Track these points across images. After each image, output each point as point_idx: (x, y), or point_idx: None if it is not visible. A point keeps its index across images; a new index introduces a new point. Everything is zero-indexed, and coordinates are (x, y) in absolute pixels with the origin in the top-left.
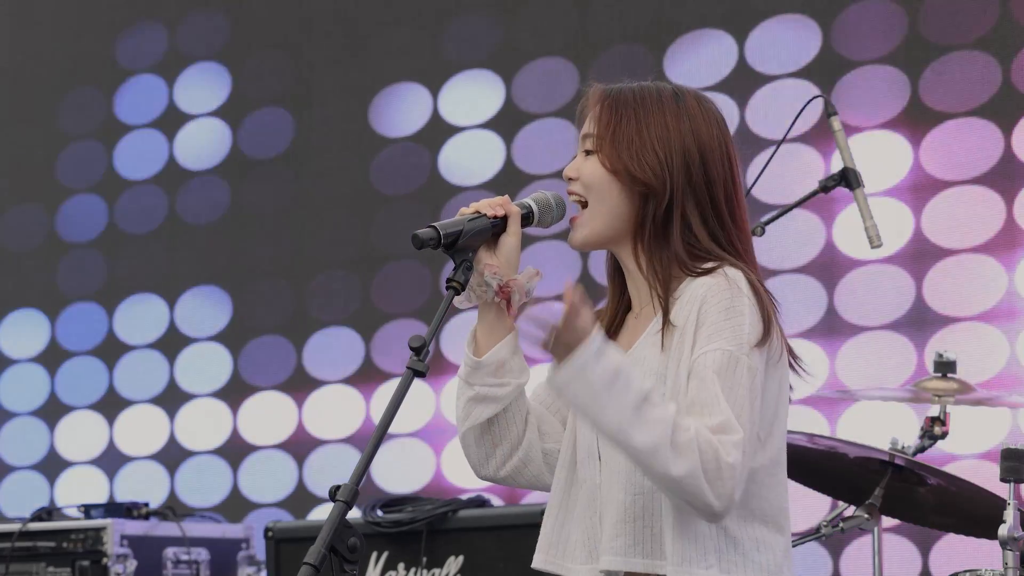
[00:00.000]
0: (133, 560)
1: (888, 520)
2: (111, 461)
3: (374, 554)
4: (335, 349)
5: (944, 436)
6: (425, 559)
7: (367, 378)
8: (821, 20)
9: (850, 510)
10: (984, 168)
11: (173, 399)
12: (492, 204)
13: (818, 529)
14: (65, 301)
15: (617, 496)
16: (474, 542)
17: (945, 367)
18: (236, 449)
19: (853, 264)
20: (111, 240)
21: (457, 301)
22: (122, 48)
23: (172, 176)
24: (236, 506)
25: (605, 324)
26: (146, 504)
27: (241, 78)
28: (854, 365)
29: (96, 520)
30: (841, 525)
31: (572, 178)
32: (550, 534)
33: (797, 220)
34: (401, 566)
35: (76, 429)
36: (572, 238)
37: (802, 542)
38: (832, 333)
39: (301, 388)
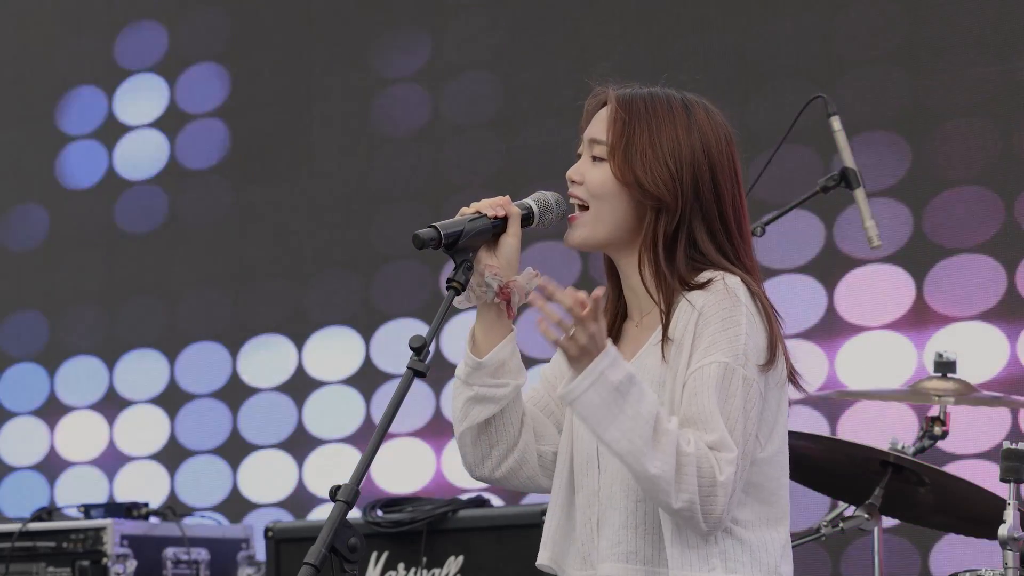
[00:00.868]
0: (133, 560)
1: (888, 520)
2: (111, 461)
3: (374, 554)
4: (335, 349)
5: (944, 436)
6: (425, 559)
7: (367, 378)
8: (821, 20)
9: (850, 510)
10: (984, 168)
11: (173, 399)
12: (493, 204)
13: (818, 529)
14: (65, 301)
15: (619, 503)
16: (474, 542)
17: (945, 367)
18: (236, 449)
19: (853, 264)
20: (111, 240)
21: (457, 301)
22: (122, 48)
23: (172, 176)
24: (236, 506)
25: (607, 323)
26: (146, 504)
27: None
28: (854, 365)
29: (96, 520)
30: (841, 525)
31: (576, 181)
32: (554, 534)
33: (797, 220)
34: (401, 566)
35: (76, 429)
36: (570, 237)
37: (802, 542)
38: (832, 333)
39: (301, 388)
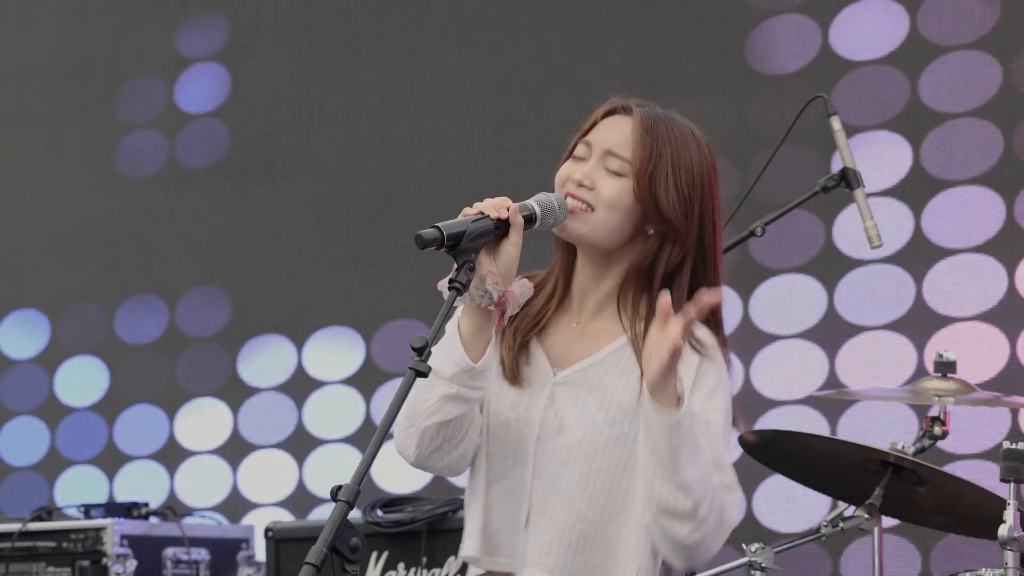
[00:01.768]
0: (133, 560)
1: (888, 520)
2: (111, 461)
3: (374, 554)
4: (335, 349)
5: (944, 436)
6: (425, 559)
7: (367, 378)
8: (821, 20)
9: (850, 510)
10: (984, 168)
11: (173, 399)
12: (496, 205)
13: (818, 529)
14: (65, 301)
15: (556, 516)
16: None
17: (945, 367)
18: (236, 449)
19: (853, 264)
20: (111, 240)
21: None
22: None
23: (174, 174)
24: (236, 506)
25: (531, 318)
26: (146, 504)
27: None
28: (854, 365)
29: (96, 520)
30: (841, 525)
31: (586, 186)
32: (480, 530)
33: (797, 220)
34: (401, 566)
35: (76, 429)
36: (569, 227)
37: (802, 542)
38: (832, 333)
39: (301, 388)
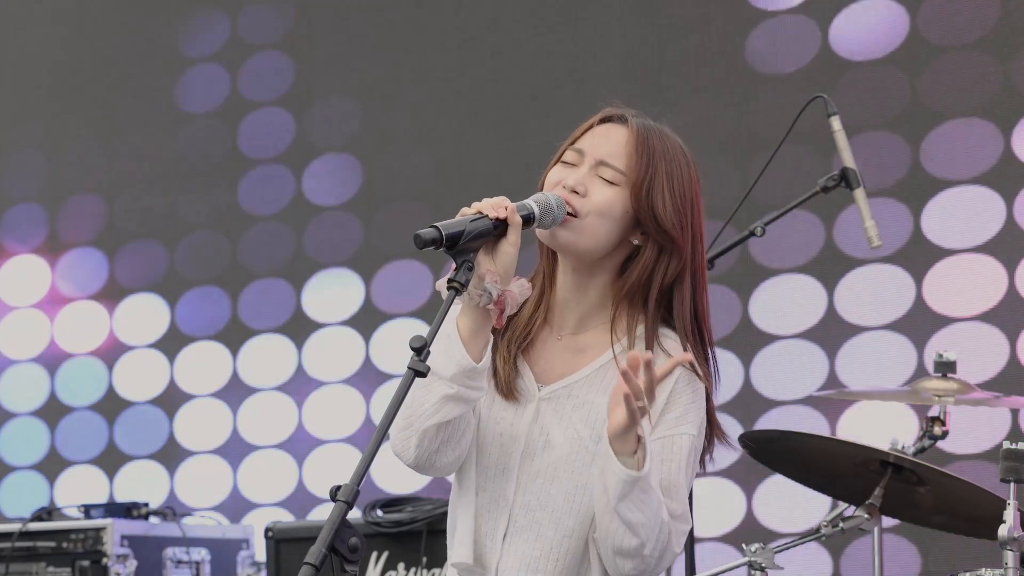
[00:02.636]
0: (133, 560)
1: (888, 520)
2: (111, 461)
3: (374, 554)
4: (335, 349)
5: (944, 436)
6: (425, 559)
7: (367, 378)
8: (821, 20)
9: (850, 510)
10: (984, 168)
11: (173, 399)
12: (494, 205)
13: (818, 529)
14: (65, 300)
15: (544, 532)
16: None
17: (945, 367)
18: (236, 449)
19: (853, 264)
20: (111, 241)
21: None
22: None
23: (173, 176)
24: (236, 506)
25: (521, 330)
26: (146, 504)
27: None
28: (854, 365)
29: (96, 520)
30: (841, 525)
31: (579, 193)
32: (472, 538)
33: (797, 220)
34: (401, 566)
35: (77, 429)
36: (556, 235)
37: (802, 542)
38: (832, 333)
39: (301, 388)
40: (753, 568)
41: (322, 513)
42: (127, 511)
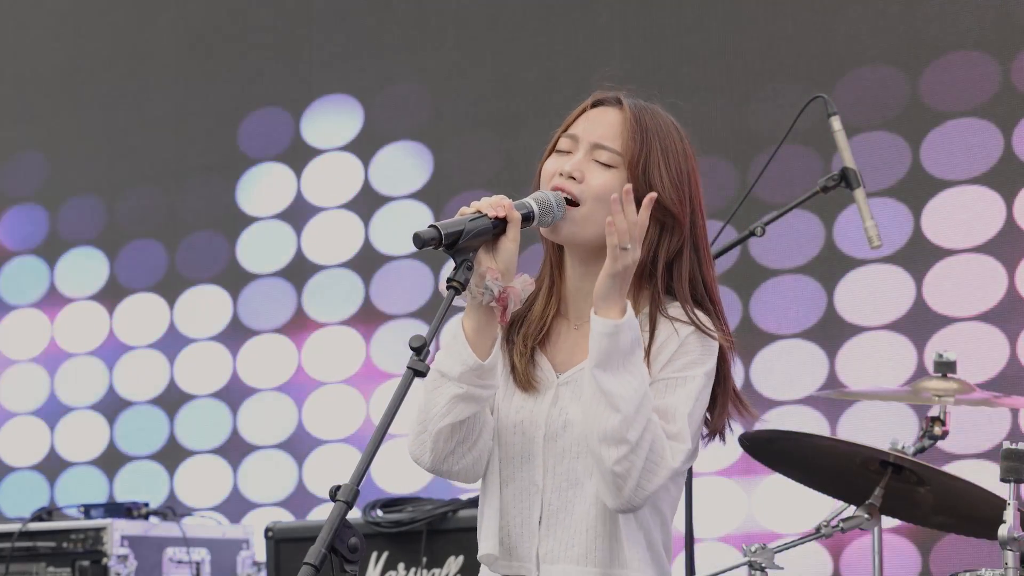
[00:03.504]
0: (133, 560)
1: (888, 520)
2: (111, 461)
3: (374, 554)
4: (335, 349)
5: (944, 436)
6: (425, 559)
7: (367, 378)
8: (820, 20)
9: (850, 510)
10: (984, 168)
11: (173, 399)
12: (493, 204)
13: (818, 529)
14: (65, 300)
15: (575, 508)
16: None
17: (945, 367)
18: (236, 449)
19: (853, 264)
20: (111, 241)
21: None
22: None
23: (173, 176)
24: (236, 506)
25: (536, 323)
26: (146, 504)
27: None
28: (854, 365)
29: (96, 520)
30: (841, 525)
31: (576, 179)
32: (498, 530)
33: (797, 220)
34: (401, 566)
35: (76, 429)
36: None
37: (802, 542)
38: (832, 333)
39: (301, 388)
40: (753, 568)
41: (322, 513)
42: (127, 511)
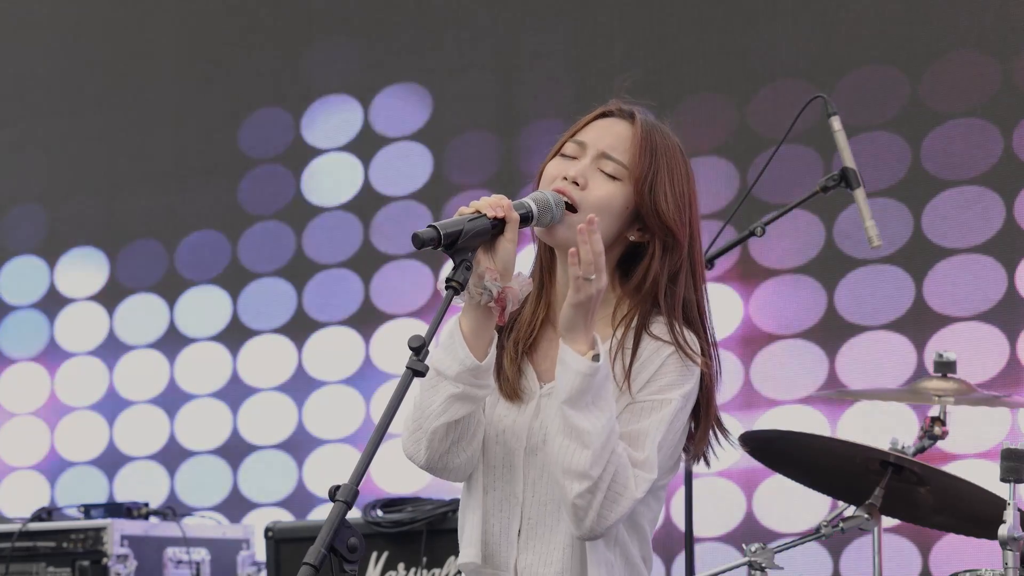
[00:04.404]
0: (133, 560)
1: (888, 520)
2: (111, 461)
3: (374, 554)
4: (335, 349)
5: (944, 436)
6: (425, 559)
7: (367, 378)
8: (820, 20)
9: (850, 510)
10: (984, 168)
11: (173, 399)
12: (492, 204)
13: (818, 529)
14: (65, 301)
15: (553, 525)
16: None
17: (945, 367)
18: (236, 449)
19: (853, 264)
20: (111, 241)
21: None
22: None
23: (173, 176)
24: (236, 506)
25: (525, 328)
26: (146, 504)
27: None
28: (854, 365)
29: (96, 520)
30: (841, 525)
31: (579, 185)
32: (479, 538)
33: (797, 220)
34: (401, 566)
35: (76, 429)
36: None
37: (802, 542)
38: (832, 333)
39: (301, 388)
40: (753, 568)
41: (322, 513)
42: (127, 511)
